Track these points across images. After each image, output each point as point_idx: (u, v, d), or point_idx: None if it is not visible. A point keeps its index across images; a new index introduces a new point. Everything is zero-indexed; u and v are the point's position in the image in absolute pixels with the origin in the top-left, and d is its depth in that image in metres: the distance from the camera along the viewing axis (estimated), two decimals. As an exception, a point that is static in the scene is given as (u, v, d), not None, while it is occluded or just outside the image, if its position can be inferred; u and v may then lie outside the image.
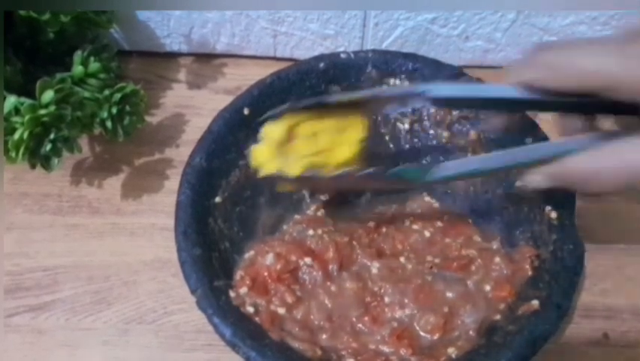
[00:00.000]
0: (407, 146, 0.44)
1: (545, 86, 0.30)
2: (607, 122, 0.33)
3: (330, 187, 0.35)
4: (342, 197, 0.42)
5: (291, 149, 0.35)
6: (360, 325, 0.36)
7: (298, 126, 0.35)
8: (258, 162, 0.36)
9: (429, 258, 0.38)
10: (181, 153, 0.45)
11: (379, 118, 0.43)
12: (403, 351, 0.34)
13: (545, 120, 0.38)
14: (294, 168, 0.34)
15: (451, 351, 0.34)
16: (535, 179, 0.33)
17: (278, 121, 0.35)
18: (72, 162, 0.45)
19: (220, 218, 0.38)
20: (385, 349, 0.35)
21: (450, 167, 0.33)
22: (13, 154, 0.37)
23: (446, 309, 0.35)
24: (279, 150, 0.35)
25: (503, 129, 0.37)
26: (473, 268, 0.37)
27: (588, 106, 0.30)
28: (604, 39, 0.30)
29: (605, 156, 0.30)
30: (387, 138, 0.44)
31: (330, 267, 0.37)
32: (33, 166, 0.38)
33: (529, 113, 0.38)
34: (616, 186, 0.30)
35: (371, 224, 0.40)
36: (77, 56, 0.41)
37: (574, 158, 0.31)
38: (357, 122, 0.36)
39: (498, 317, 0.35)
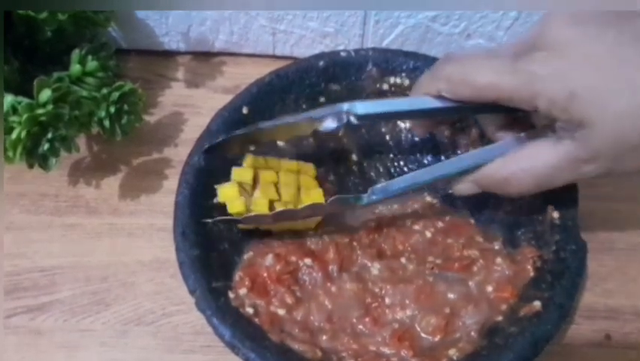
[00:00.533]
0: (408, 145, 0.43)
1: (449, 97, 0.33)
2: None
3: (278, 221, 0.37)
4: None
5: (255, 193, 0.38)
6: (360, 326, 0.35)
7: (263, 172, 0.39)
8: (224, 200, 0.37)
9: (430, 258, 0.38)
10: (179, 152, 0.45)
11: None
12: (403, 353, 0.34)
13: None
14: (260, 204, 0.37)
15: (453, 353, 0.33)
16: (462, 188, 0.36)
17: (245, 165, 0.38)
18: (70, 162, 0.44)
19: (219, 218, 0.38)
20: (386, 350, 0.34)
21: (380, 190, 0.35)
22: (11, 154, 0.36)
23: (447, 310, 0.35)
24: (243, 192, 0.37)
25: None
26: (475, 268, 0.37)
27: (499, 108, 0.32)
28: (499, 53, 0.33)
29: (512, 163, 0.33)
30: (387, 137, 0.43)
31: (330, 268, 0.37)
32: (31, 166, 0.38)
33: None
34: (527, 189, 0.33)
35: (371, 224, 0.40)
36: (75, 54, 0.41)
37: (489, 166, 0.34)
38: (313, 185, 0.40)
39: (500, 318, 0.35)
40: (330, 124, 0.36)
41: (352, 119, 0.35)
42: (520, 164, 0.33)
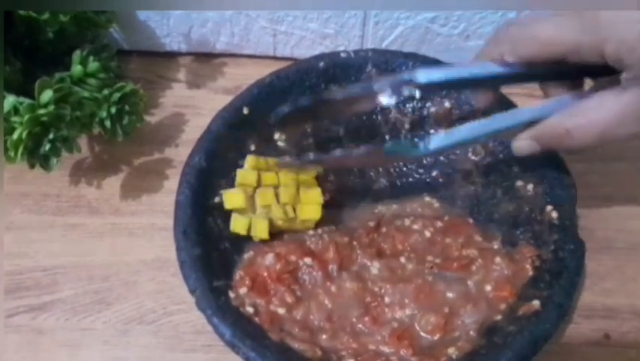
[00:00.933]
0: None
1: (514, 59, 0.32)
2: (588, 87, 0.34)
3: (334, 166, 0.38)
4: (342, 198, 0.42)
5: (258, 195, 0.38)
6: (360, 325, 0.36)
7: (264, 173, 0.39)
8: (231, 206, 0.38)
9: (429, 258, 0.38)
10: (180, 152, 0.45)
11: (379, 118, 0.43)
12: (403, 351, 0.34)
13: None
14: (260, 225, 0.38)
15: (452, 351, 0.33)
16: (522, 145, 0.35)
17: (247, 167, 0.39)
18: (71, 162, 0.45)
19: (220, 218, 0.38)
20: (385, 349, 0.35)
21: (440, 138, 0.34)
22: (12, 154, 0.37)
23: (447, 309, 0.35)
24: (249, 195, 0.38)
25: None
26: (474, 268, 0.37)
27: (564, 73, 0.32)
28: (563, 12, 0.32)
29: (575, 114, 0.32)
30: (387, 138, 0.44)
31: (330, 267, 0.37)
32: (32, 166, 0.38)
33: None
34: (591, 142, 0.32)
35: (371, 224, 0.40)
36: (76, 55, 0.41)
37: (549, 120, 0.33)
38: (313, 184, 0.40)
39: (499, 317, 0.35)
40: (389, 99, 0.34)
41: (413, 91, 0.33)
42: (583, 115, 0.32)
